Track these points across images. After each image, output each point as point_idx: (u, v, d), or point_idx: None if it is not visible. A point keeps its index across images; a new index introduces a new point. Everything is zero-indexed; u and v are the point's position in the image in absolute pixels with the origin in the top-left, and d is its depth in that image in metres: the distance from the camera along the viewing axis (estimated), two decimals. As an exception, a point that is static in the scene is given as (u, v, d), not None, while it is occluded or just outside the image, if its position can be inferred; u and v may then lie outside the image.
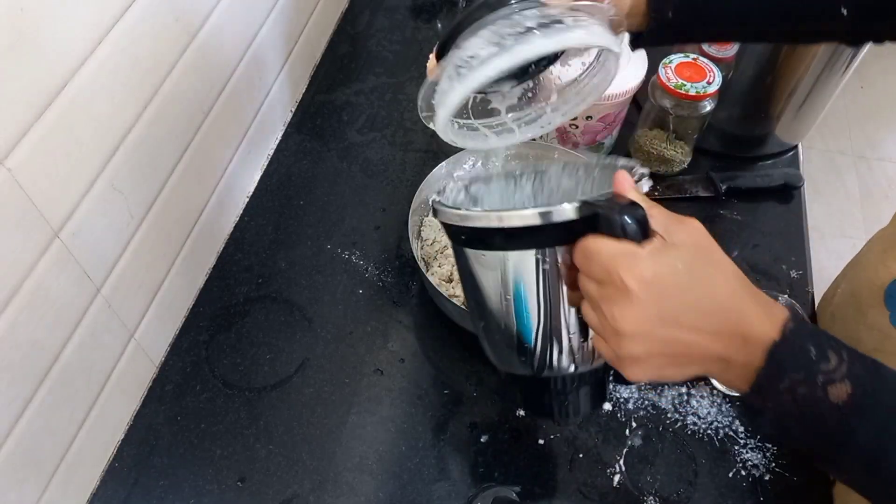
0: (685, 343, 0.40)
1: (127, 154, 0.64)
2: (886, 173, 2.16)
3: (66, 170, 0.57)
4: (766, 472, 0.70)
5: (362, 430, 0.72)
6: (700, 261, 0.41)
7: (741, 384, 0.41)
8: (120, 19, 0.60)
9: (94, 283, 0.63)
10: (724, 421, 0.73)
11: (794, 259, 0.87)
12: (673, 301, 0.40)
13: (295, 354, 0.78)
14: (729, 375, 0.41)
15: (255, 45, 0.86)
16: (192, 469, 0.70)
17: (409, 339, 0.79)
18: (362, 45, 1.12)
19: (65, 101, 0.55)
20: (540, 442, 0.71)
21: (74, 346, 0.62)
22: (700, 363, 0.41)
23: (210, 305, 0.81)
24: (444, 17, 1.17)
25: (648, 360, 0.41)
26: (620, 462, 0.70)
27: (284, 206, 0.91)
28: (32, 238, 0.55)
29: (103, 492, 0.69)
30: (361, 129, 1.00)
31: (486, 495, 0.67)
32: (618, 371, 0.44)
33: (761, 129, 0.95)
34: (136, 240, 0.68)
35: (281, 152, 0.97)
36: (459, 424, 0.73)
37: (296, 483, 0.69)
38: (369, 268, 0.85)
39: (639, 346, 0.41)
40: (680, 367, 0.42)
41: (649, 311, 0.40)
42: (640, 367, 0.42)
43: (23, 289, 0.54)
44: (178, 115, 0.72)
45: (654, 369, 0.42)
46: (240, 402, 0.74)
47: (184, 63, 0.70)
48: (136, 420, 0.73)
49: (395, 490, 0.68)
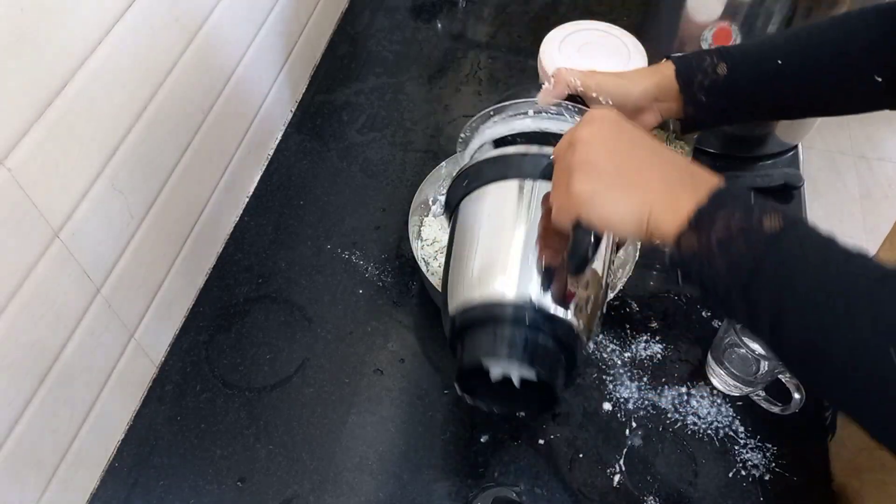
0: (637, 158, 0.46)
1: (127, 154, 0.64)
2: (886, 173, 2.15)
3: (66, 170, 0.57)
4: (766, 472, 0.70)
5: (362, 430, 0.72)
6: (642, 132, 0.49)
7: (677, 222, 0.42)
8: (120, 19, 0.60)
9: (94, 283, 0.63)
10: (724, 421, 0.73)
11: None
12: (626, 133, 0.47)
13: (295, 354, 0.78)
14: (668, 210, 0.43)
15: (255, 45, 0.86)
16: (192, 469, 0.70)
17: (409, 339, 0.79)
18: (362, 45, 1.12)
19: (65, 101, 0.55)
20: (540, 442, 0.71)
21: (74, 346, 0.62)
22: (645, 186, 0.45)
23: (210, 305, 0.81)
24: (444, 17, 1.17)
25: (600, 181, 0.45)
26: (620, 462, 0.70)
27: (284, 206, 0.91)
28: (32, 238, 0.55)
29: (103, 492, 0.69)
30: (361, 129, 1.00)
31: (486, 495, 0.67)
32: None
33: (761, 129, 0.95)
34: (136, 240, 0.68)
35: (281, 152, 0.97)
36: (459, 424, 0.73)
37: (296, 483, 0.69)
38: (369, 268, 0.85)
39: (593, 167, 0.46)
40: (625, 184, 0.45)
41: (606, 142, 0.47)
42: (592, 186, 0.45)
43: (23, 289, 0.54)
44: (178, 115, 0.72)
45: (604, 192, 0.45)
46: (240, 402, 0.74)
47: (184, 63, 0.70)
48: (136, 420, 0.73)
49: (395, 490, 0.68)
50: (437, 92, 1.05)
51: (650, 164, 0.46)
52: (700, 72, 0.61)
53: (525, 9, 1.18)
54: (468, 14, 1.18)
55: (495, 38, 1.14)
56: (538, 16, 1.17)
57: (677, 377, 0.76)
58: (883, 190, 2.12)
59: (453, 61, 1.10)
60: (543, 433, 0.72)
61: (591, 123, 0.48)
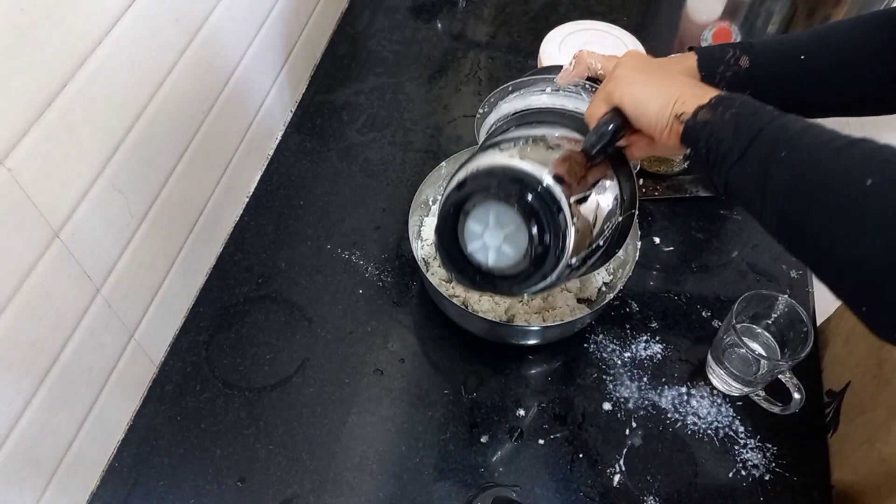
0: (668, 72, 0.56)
1: (127, 154, 0.64)
2: (886, 173, 2.15)
3: (66, 170, 0.57)
4: (766, 472, 0.70)
5: (362, 430, 0.72)
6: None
7: (699, 102, 0.50)
8: (120, 19, 0.60)
9: (94, 283, 0.63)
10: (724, 421, 0.73)
11: (793, 259, 0.87)
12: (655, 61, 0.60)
13: (295, 354, 0.78)
14: (694, 96, 0.51)
15: (255, 45, 0.86)
16: (192, 469, 0.70)
17: (409, 339, 0.79)
18: (362, 45, 1.12)
19: (65, 101, 0.55)
20: (540, 442, 0.72)
21: (74, 346, 0.62)
22: (674, 84, 0.53)
23: (210, 305, 0.81)
24: (444, 17, 1.17)
25: (635, 74, 0.55)
26: (620, 462, 0.70)
27: (284, 206, 0.91)
28: (32, 238, 0.55)
29: (103, 492, 0.69)
30: (361, 129, 1.00)
31: (486, 495, 0.67)
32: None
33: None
34: (136, 240, 0.68)
35: (281, 152, 0.97)
36: (459, 424, 0.73)
37: (296, 483, 0.69)
38: (369, 268, 0.85)
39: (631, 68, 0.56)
40: (658, 80, 0.54)
41: (640, 60, 0.57)
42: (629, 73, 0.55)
43: (23, 289, 0.54)
44: (178, 115, 0.72)
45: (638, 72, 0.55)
46: (240, 402, 0.74)
47: (184, 63, 0.70)
48: (136, 420, 0.73)
49: (395, 490, 0.68)
50: (437, 92, 1.05)
51: (677, 77, 0.55)
52: (723, 63, 0.61)
53: (525, 9, 1.18)
54: (468, 14, 1.18)
55: (495, 38, 1.14)
56: (538, 16, 1.17)
57: (677, 377, 0.76)
58: (883, 190, 2.11)
59: (453, 61, 1.10)
60: (544, 433, 0.72)
61: (624, 57, 0.58)
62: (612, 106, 0.55)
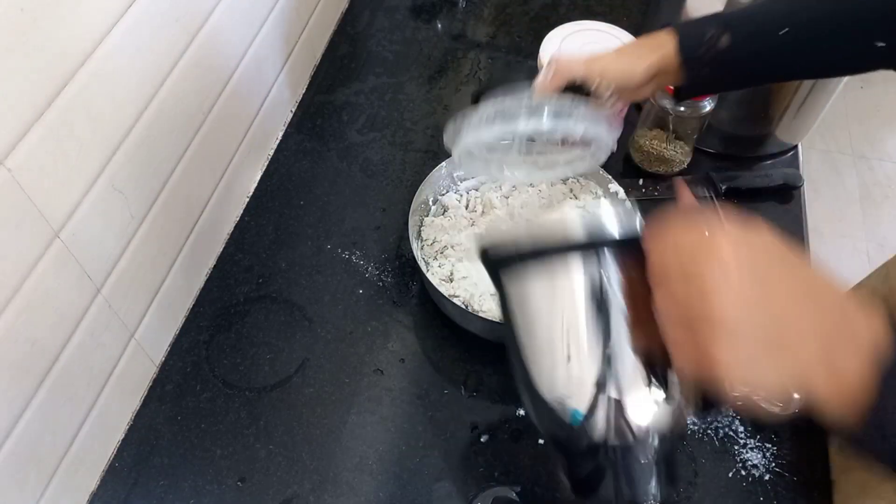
0: (787, 307, 0.37)
1: (127, 154, 0.64)
2: (886, 173, 2.15)
3: (66, 170, 0.57)
4: (766, 472, 0.70)
5: (362, 430, 0.72)
6: (783, 250, 0.39)
7: (840, 392, 0.36)
8: (120, 19, 0.60)
9: (94, 283, 0.63)
10: (724, 421, 0.73)
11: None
12: (769, 280, 0.37)
13: (295, 354, 0.78)
14: (829, 381, 0.36)
15: (255, 45, 0.86)
16: (192, 469, 0.70)
17: (409, 339, 0.79)
18: (362, 45, 1.12)
19: (65, 101, 0.55)
20: (540, 442, 0.71)
21: (74, 346, 0.62)
22: (797, 347, 0.37)
23: (210, 305, 0.81)
24: (444, 17, 1.17)
25: (744, 346, 0.37)
26: (620, 462, 0.70)
27: (284, 206, 0.91)
28: (32, 238, 0.55)
29: (103, 492, 0.69)
30: (361, 129, 1.00)
31: (486, 495, 0.67)
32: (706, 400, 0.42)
33: (761, 129, 0.95)
34: (136, 240, 0.68)
35: (281, 152, 0.97)
36: (459, 424, 0.73)
37: (296, 483, 0.69)
38: (369, 268, 0.85)
39: (733, 330, 0.36)
40: (774, 347, 0.37)
41: (744, 289, 0.36)
42: (734, 353, 0.37)
43: (23, 289, 0.54)
44: (178, 115, 0.72)
45: (749, 360, 0.37)
46: (240, 402, 0.74)
47: (184, 63, 0.70)
48: (136, 420, 0.73)
49: (395, 490, 0.68)
50: (437, 92, 1.05)
51: (800, 312, 0.37)
52: (703, 45, 0.60)
53: (525, 9, 1.18)
54: (468, 14, 1.18)
55: (495, 38, 1.14)
56: (538, 16, 1.17)
57: (677, 377, 0.76)
58: (883, 190, 2.12)
59: (453, 61, 1.10)
60: (543, 433, 0.72)
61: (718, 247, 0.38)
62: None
